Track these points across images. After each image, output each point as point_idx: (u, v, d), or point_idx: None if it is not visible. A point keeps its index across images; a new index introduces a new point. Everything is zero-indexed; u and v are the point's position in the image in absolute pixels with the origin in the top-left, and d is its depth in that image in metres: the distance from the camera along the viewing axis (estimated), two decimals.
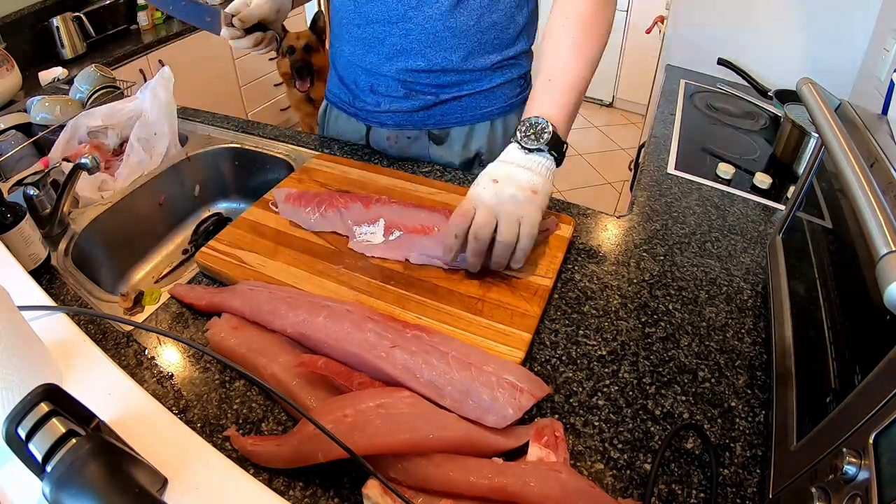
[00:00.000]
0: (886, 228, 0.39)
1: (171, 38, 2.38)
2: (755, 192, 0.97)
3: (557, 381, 0.62)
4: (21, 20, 2.07)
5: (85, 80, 1.24)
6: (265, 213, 0.84)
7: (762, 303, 0.73)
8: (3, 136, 1.08)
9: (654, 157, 1.07)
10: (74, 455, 0.39)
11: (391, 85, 0.90)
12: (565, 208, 0.89)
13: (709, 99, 1.35)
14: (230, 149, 1.11)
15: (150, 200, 1.03)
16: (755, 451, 0.55)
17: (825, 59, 1.31)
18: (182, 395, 0.60)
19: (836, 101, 0.63)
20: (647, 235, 0.84)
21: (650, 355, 0.65)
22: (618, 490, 0.53)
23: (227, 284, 0.74)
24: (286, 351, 0.62)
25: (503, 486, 0.47)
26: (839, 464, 0.38)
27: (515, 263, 0.67)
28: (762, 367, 0.64)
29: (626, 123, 3.48)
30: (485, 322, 0.66)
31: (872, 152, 0.51)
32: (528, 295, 0.69)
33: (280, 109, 3.06)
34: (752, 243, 0.84)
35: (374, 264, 0.74)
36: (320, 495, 0.51)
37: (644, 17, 2.94)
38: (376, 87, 0.92)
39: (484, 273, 0.71)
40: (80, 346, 0.58)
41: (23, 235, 0.73)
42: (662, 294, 0.74)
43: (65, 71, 1.94)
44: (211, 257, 0.76)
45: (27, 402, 0.41)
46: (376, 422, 0.50)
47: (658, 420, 0.58)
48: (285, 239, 0.79)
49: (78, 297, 0.74)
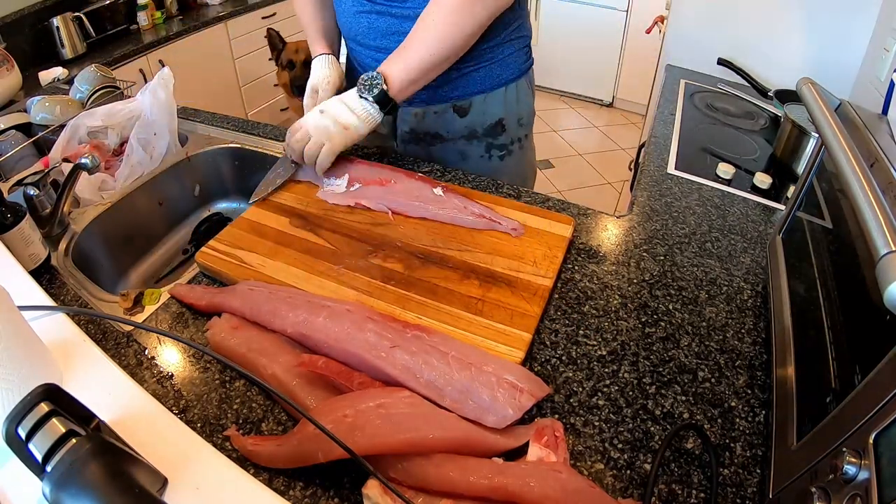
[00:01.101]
0: (886, 228, 0.39)
1: (171, 38, 2.38)
2: (755, 192, 0.97)
3: (557, 381, 0.62)
4: (21, 20, 2.07)
5: (85, 80, 1.24)
6: (265, 213, 0.84)
7: (762, 303, 0.73)
8: (3, 136, 1.08)
9: (654, 157, 1.07)
10: (74, 455, 0.39)
11: None
12: (565, 208, 0.89)
13: (709, 99, 1.35)
14: (230, 149, 1.11)
15: (150, 200, 1.03)
16: (755, 451, 0.55)
17: (825, 59, 1.31)
18: (182, 395, 0.60)
19: (836, 101, 0.63)
20: (647, 235, 0.84)
21: (650, 355, 0.65)
22: (618, 490, 0.53)
23: (227, 284, 0.74)
24: (286, 351, 0.62)
25: (503, 486, 0.47)
26: (839, 464, 0.38)
27: (318, 170, 0.88)
28: (762, 367, 0.64)
29: (626, 123, 3.48)
30: (485, 322, 0.66)
31: (872, 152, 0.51)
32: (528, 295, 0.69)
33: (280, 109, 3.06)
34: (752, 243, 0.84)
35: (374, 265, 0.74)
36: (320, 495, 0.51)
37: (644, 17, 2.94)
38: None
39: (484, 276, 0.72)
40: (80, 346, 0.58)
41: (23, 235, 0.73)
42: (662, 294, 0.74)
43: (65, 71, 1.94)
44: (211, 257, 0.76)
45: (27, 402, 0.41)
46: (376, 422, 0.50)
47: (658, 420, 0.58)
48: (286, 239, 0.79)
49: (78, 297, 0.74)
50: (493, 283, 0.71)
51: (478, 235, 0.79)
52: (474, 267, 0.73)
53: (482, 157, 1.03)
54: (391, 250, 0.76)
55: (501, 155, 1.04)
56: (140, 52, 2.25)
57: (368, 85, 0.82)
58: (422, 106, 0.99)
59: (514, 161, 1.06)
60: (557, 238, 0.78)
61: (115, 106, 1.05)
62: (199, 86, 2.49)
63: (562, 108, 3.65)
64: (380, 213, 0.84)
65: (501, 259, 0.75)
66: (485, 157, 1.03)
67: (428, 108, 0.99)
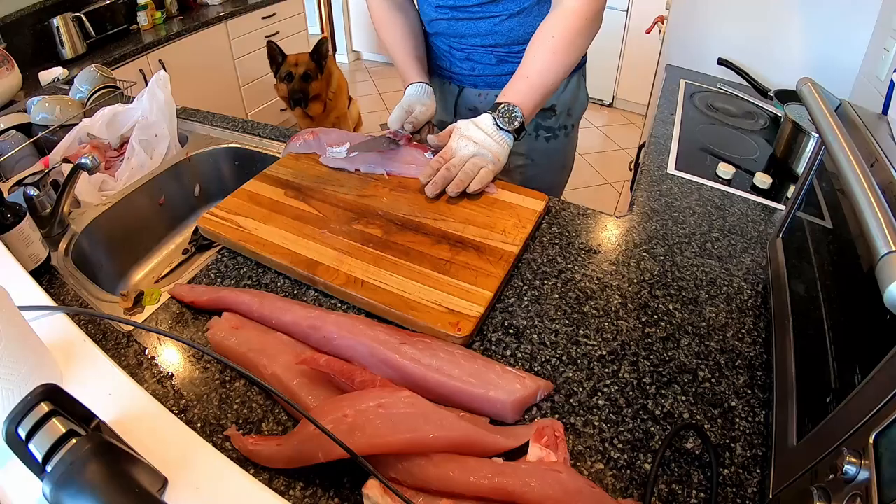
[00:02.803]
0: (886, 228, 0.39)
1: (171, 38, 2.38)
2: (755, 192, 0.97)
3: (557, 381, 0.62)
4: (21, 20, 2.06)
5: (85, 80, 1.24)
6: (263, 185, 0.91)
7: (762, 303, 0.73)
8: (3, 136, 1.08)
9: (654, 157, 1.07)
10: (74, 455, 0.39)
11: (485, 56, 1.03)
12: (565, 208, 0.89)
13: (709, 99, 1.35)
14: (230, 149, 1.11)
15: (150, 200, 1.03)
16: (755, 451, 0.55)
17: (825, 59, 1.31)
18: (182, 395, 0.60)
19: (836, 101, 0.63)
20: (647, 235, 0.84)
21: (650, 355, 0.65)
22: (618, 490, 0.53)
23: (227, 279, 0.75)
24: (287, 351, 0.62)
25: (503, 486, 0.47)
26: (839, 464, 0.38)
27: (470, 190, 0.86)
28: (762, 367, 0.64)
29: (626, 123, 3.48)
30: (451, 281, 0.71)
31: (872, 152, 0.51)
32: (494, 259, 0.75)
33: (280, 109, 3.06)
34: (752, 243, 0.84)
35: (356, 229, 0.80)
36: (320, 495, 0.51)
37: (644, 17, 2.94)
38: (472, 56, 1.04)
39: (455, 241, 0.78)
40: (80, 346, 0.58)
41: (23, 235, 0.73)
42: (662, 294, 0.74)
43: (65, 71, 1.94)
44: (211, 222, 0.83)
45: (27, 402, 0.41)
46: (376, 422, 0.50)
47: (658, 420, 0.58)
48: (279, 207, 0.86)
49: (78, 298, 0.74)
50: (462, 248, 0.76)
51: (454, 206, 0.85)
52: (447, 234, 0.79)
53: (530, 134, 1.07)
54: (372, 217, 0.83)
55: (548, 137, 1.08)
56: (140, 53, 2.25)
57: (508, 118, 0.86)
58: (485, 89, 1.07)
59: (558, 145, 1.11)
60: (529, 211, 0.83)
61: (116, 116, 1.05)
62: (199, 86, 2.49)
63: None
64: (370, 181, 0.91)
65: (473, 228, 0.80)
66: (532, 135, 1.07)
67: (491, 92, 1.06)
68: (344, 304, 0.72)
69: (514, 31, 0.98)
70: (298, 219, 0.83)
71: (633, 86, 3.39)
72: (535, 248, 0.81)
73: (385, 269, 0.73)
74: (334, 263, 0.74)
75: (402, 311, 0.66)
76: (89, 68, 1.26)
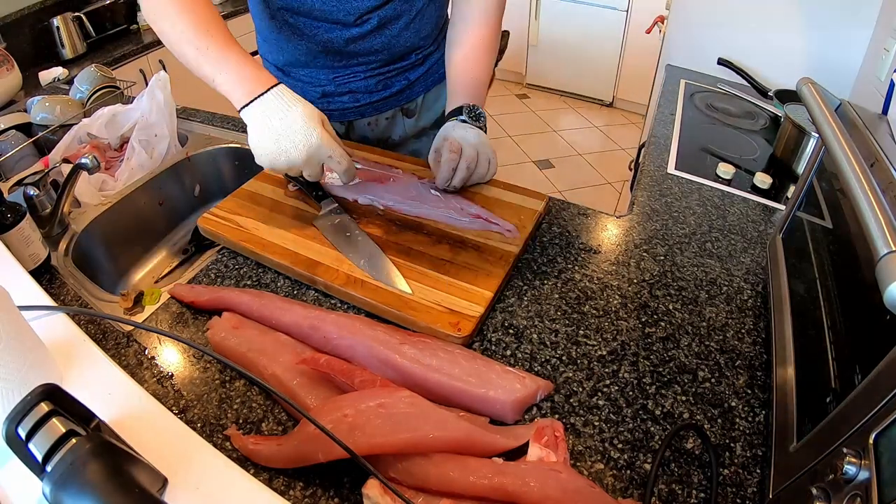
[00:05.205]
0: (886, 228, 0.39)
1: None
2: (755, 192, 0.97)
3: (557, 381, 0.62)
4: (21, 20, 2.06)
5: (85, 80, 1.24)
6: (263, 184, 0.90)
7: (762, 303, 0.73)
8: (3, 136, 1.08)
9: (654, 157, 1.07)
10: (74, 455, 0.39)
11: (368, 83, 0.97)
12: (565, 208, 0.89)
13: (709, 99, 1.35)
14: (230, 149, 1.11)
15: (150, 200, 1.03)
16: (755, 451, 0.55)
17: (825, 59, 1.31)
18: (182, 395, 0.60)
19: (836, 101, 0.63)
20: (647, 235, 0.84)
21: (650, 355, 0.65)
22: (618, 490, 0.53)
23: (227, 278, 0.75)
24: (287, 351, 0.62)
25: (503, 486, 0.47)
26: (839, 464, 0.38)
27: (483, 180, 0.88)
28: (762, 367, 0.64)
29: (626, 123, 3.48)
30: (450, 280, 0.71)
31: (872, 152, 0.51)
32: (494, 259, 0.75)
33: None
34: (752, 243, 0.84)
35: None
36: (320, 495, 0.51)
37: (644, 17, 2.94)
38: (353, 88, 0.98)
39: (455, 241, 0.77)
40: (80, 346, 0.58)
41: (23, 235, 0.73)
42: (662, 294, 0.74)
43: (65, 71, 1.94)
44: (211, 221, 0.82)
45: (27, 402, 0.41)
46: (376, 422, 0.50)
47: (658, 420, 0.58)
48: (279, 207, 0.85)
49: (78, 297, 0.74)
50: (462, 248, 0.76)
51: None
52: (447, 234, 0.79)
53: None
54: (373, 217, 0.83)
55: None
56: (140, 52, 2.25)
57: (475, 115, 0.88)
58: (374, 114, 1.02)
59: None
60: (529, 212, 0.83)
61: (116, 117, 1.05)
62: (199, 86, 2.47)
63: (562, 108, 3.65)
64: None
65: (473, 227, 0.80)
66: None
67: (380, 116, 1.03)
68: (344, 304, 0.72)
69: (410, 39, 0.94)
70: (299, 218, 0.83)
71: (633, 86, 3.40)
72: (535, 248, 0.81)
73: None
74: (334, 263, 0.74)
75: (402, 311, 0.66)
76: (89, 68, 1.26)
